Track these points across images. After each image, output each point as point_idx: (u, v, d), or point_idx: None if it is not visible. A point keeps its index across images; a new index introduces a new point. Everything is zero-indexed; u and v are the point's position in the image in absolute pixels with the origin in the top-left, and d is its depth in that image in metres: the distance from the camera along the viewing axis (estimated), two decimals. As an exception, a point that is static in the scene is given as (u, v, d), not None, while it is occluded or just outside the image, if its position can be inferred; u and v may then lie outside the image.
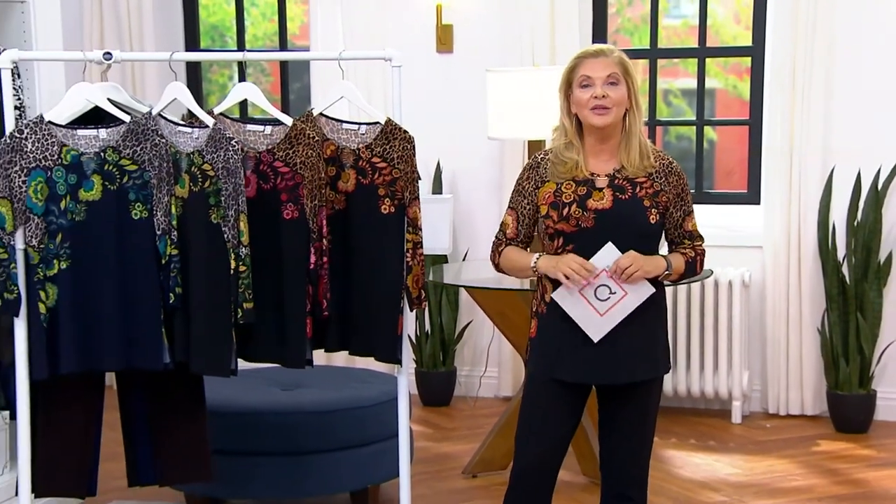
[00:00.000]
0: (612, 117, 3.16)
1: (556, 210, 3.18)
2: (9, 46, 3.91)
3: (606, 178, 3.19)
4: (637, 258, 3.13)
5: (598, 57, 3.18)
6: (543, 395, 3.24)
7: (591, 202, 3.17)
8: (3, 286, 3.24)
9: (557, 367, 3.22)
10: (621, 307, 3.15)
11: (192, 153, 3.34)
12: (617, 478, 3.31)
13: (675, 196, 3.24)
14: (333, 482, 4.33)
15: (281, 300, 3.42)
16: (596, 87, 3.15)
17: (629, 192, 3.18)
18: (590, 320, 3.16)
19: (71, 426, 3.47)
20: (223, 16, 6.60)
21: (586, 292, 3.13)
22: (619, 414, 3.27)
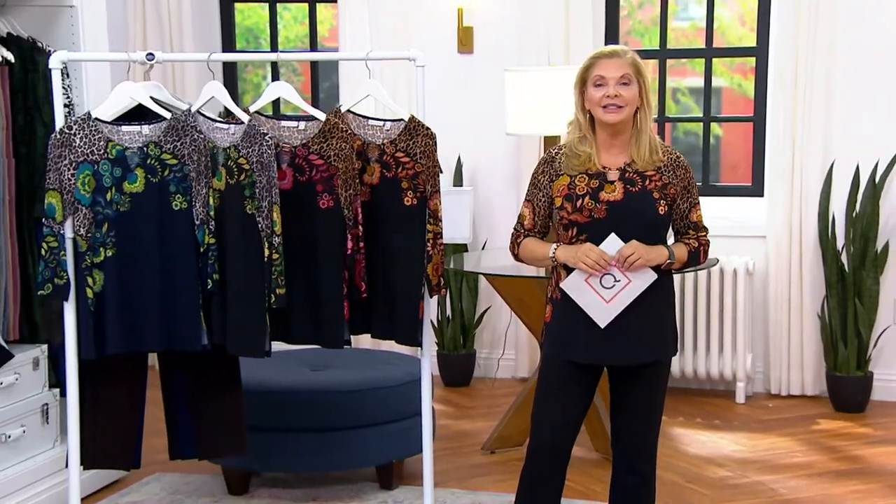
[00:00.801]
0: (623, 115, 3.16)
1: (570, 202, 3.19)
2: (58, 48, 3.95)
3: (617, 172, 3.20)
4: (639, 247, 3.13)
5: (612, 58, 3.18)
6: (558, 376, 3.25)
7: (603, 194, 3.17)
8: (53, 272, 3.27)
9: (571, 350, 3.22)
10: (626, 294, 3.15)
11: (229, 148, 3.36)
12: (628, 453, 3.32)
13: (682, 188, 3.24)
14: (360, 457, 4.36)
15: (318, 285, 3.44)
16: (609, 86, 3.15)
17: (639, 185, 3.19)
18: (597, 307, 3.16)
19: (116, 403, 3.51)
20: (257, 19, 6.62)
21: (592, 281, 3.14)
22: (630, 394, 3.27)
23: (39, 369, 4.31)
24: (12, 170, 4.19)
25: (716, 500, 4.35)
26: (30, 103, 4.23)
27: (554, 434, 3.24)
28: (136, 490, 4.46)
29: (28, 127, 4.22)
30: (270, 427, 4.21)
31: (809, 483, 4.55)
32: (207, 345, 3.39)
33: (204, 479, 4.53)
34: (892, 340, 5.57)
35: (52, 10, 4.38)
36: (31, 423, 4.26)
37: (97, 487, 4.41)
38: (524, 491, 3.29)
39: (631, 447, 3.31)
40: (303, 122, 3.46)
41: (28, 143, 4.22)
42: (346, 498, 4.36)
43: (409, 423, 4.29)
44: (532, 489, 3.27)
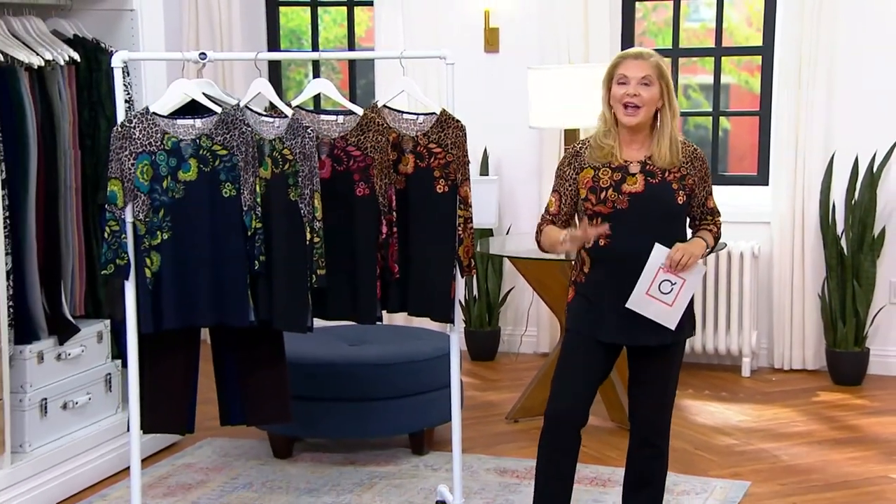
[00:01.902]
0: (640, 117, 3.15)
1: (595, 194, 3.17)
2: (120, 48, 3.97)
3: (638, 165, 3.18)
4: (685, 248, 3.12)
5: (637, 59, 3.16)
6: (580, 349, 3.23)
7: (626, 186, 3.16)
8: (115, 254, 3.29)
9: (595, 329, 3.20)
10: (685, 293, 3.13)
11: (274, 140, 3.37)
12: (643, 426, 3.30)
13: (699, 179, 3.23)
14: (394, 425, 4.38)
15: (354, 266, 3.45)
16: (630, 85, 3.13)
17: (659, 177, 3.17)
18: (665, 314, 3.13)
19: (172, 373, 3.53)
20: (300, 21, 6.63)
21: (653, 292, 3.11)
22: (647, 371, 3.26)
23: (103, 342, 4.36)
24: (78, 160, 4.24)
25: (723, 466, 4.35)
26: (94, 99, 4.26)
27: (571, 401, 3.22)
28: (190, 453, 4.51)
29: (92, 121, 4.26)
30: (312, 396, 4.24)
31: (810, 450, 4.54)
32: (255, 321, 3.40)
33: (251, 443, 4.57)
34: (888, 319, 5.55)
35: (115, 13, 4.41)
36: (96, 392, 4.30)
37: (155, 450, 4.46)
38: (543, 455, 3.28)
39: (646, 422, 3.30)
40: (341, 116, 3.47)
41: (92, 135, 4.26)
42: (381, 462, 4.38)
43: (439, 394, 4.31)
44: (550, 455, 3.26)
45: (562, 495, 3.27)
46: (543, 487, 3.28)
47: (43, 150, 4.05)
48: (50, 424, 4.08)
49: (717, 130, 5.89)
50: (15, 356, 3.95)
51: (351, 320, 3.56)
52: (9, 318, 3.87)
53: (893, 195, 5.48)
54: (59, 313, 4.16)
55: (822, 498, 4.04)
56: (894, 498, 4.04)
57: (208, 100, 3.41)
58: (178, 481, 4.21)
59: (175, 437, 4.52)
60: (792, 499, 4.03)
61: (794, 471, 4.31)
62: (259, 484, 4.18)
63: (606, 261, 3.18)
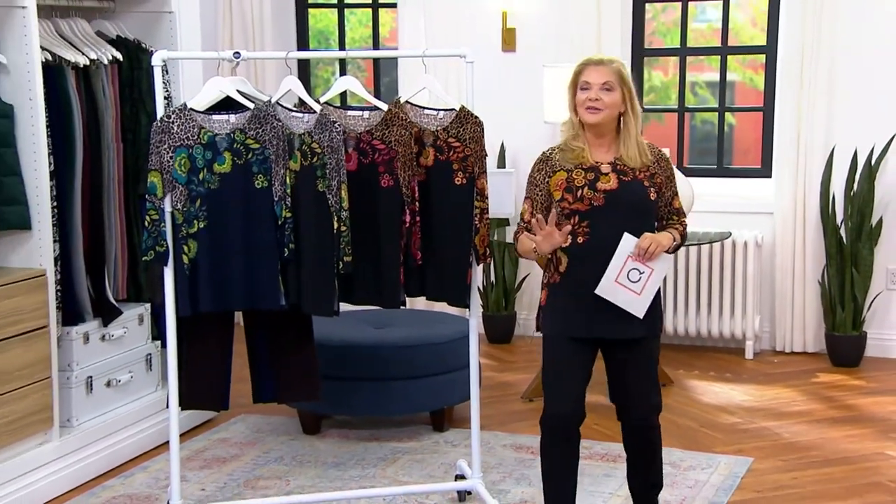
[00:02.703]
0: (601, 117, 3.09)
1: (571, 193, 3.11)
2: (159, 48, 4.00)
3: (609, 166, 3.13)
4: (653, 238, 3.08)
5: (598, 66, 3.12)
6: (560, 352, 3.17)
7: (600, 184, 3.10)
8: (155, 241, 3.31)
9: (569, 327, 3.14)
10: (653, 281, 3.09)
11: (303, 134, 3.38)
12: (640, 410, 3.22)
13: (665, 178, 3.18)
14: (416, 403, 4.39)
15: (379, 253, 3.46)
16: (592, 90, 3.09)
17: (630, 175, 3.13)
18: (632, 302, 3.09)
19: (208, 354, 3.55)
20: (327, 22, 6.64)
21: (622, 280, 3.06)
22: (628, 361, 3.18)
23: (144, 324, 4.38)
24: (121, 153, 4.26)
25: (727, 443, 4.34)
26: (135, 96, 4.28)
27: (568, 405, 3.16)
28: (225, 428, 4.53)
29: (134, 116, 4.28)
30: (339, 376, 4.25)
31: (809, 428, 4.53)
32: (285, 305, 3.41)
33: (282, 420, 4.59)
34: (885, 304, 5.53)
35: (155, 15, 4.42)
36: (137, 370, 4.33)
37: (192, 425, 4.48)
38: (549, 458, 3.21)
39: (642, 404, 3.21)
40: (367, 111, 3.48)
41: (133, 130, 4.28)
42: (404, 438, 4.39)
43: (458, 375, 4.31)
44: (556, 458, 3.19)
45: (571, 490, 3.23)
46: (555, 486, 3.22)
47: (88, 143, 4.08)
48: (95, 401, 4.12)
49: (723, 125, 5.86)
50: (63, 337, 3.98)
51: (376, 305, 3.57)
52: (57, 301, 3.91)
53: (890, 187, 5.46)
54: (103, 297, 4.19)
55: (820, 473, 4.03)
56: (889, 473, 4.03)
57: (242, 96, 3.42)
58: (214, 455, 4.24)
59: (211, 414, 4.54)
60: (792, 474, 4.02)
61: (795, 447, 4.30)
62: (289, 458, 4.20)
63: (585, 257, 3.11)
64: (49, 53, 3.91)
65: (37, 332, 3.78)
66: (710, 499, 3.77)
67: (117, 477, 4.02)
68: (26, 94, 3.76)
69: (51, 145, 3.87)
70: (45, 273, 3.81)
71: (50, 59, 3.91)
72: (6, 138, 3.74)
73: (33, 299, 3.76)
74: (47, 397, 3.84)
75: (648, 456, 3.31)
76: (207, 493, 3.87)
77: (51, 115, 3.88)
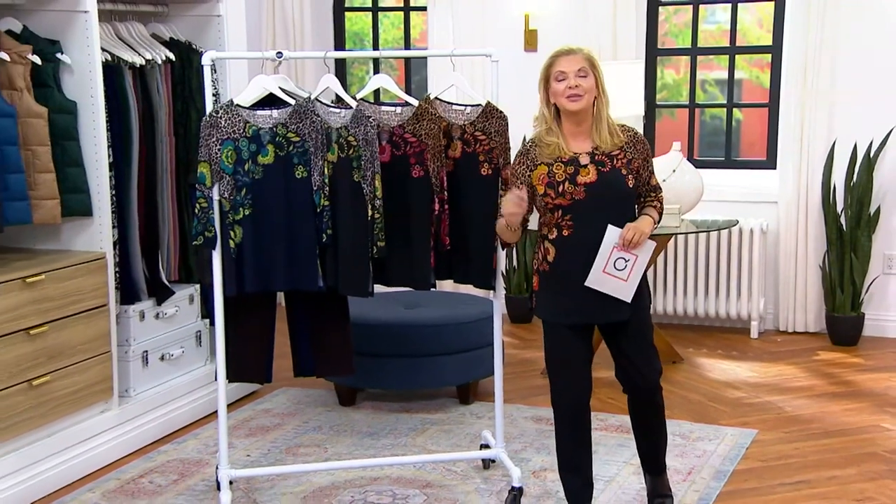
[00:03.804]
0: (584, 103, 3.03)
1: (553, 188, 3.05)
2: (208, 49, 4.01)
3: (588, 156, 3.06)
4: (635, 227, 3.01)
5: (569, 55, 3.05)
6: (559, 338, 3.12)
7: (580, 178, 3.03)
8: (204, 227, 3.31)
9: (562, 313, 3.10)
10: (638, 268, 3.04)
11: (340, 128, 3.38)
12: (644, 375, 3.16)
13: (642, 160, 3.11)
14: (443, 378, 4.39)
15: (410, 239, 3.45)
16: (569, 78, 3.02)
17: (609, 165, 3.05)
18: (620, 289, 3.04)
19: (253, 331, 3.56)
20: (362, 25, 6.63)
21: (609, 270, 3.01)
22: (623, 337, 3.13)
23: (194, 303, 4.41)
24: (173, 146, 4.28)
25: (733, 416, 4.32)
26: (186, 93, 4.29)
27: (571, 387, 3.13)
28: (268, 400, 4.56)
29: (185, 112, 4.29)
30: (373, 352, 4.26)
31: (810, 402, 4.50)
32: (323, 286, 3.41)
33: (320, 392, 4.61)
34: (882, 287, 5.48)
35: (205, 18, 4.44)
36: (188, 346, 4.36)
37: (238, 397, 4.51)
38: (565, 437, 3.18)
39: (646, 373, 3.16)
40: (399, 107, 3.47)
41: (185, 124, 4.29)
42: (432, 410, 4.40)
43: (483, 352, 4.31)
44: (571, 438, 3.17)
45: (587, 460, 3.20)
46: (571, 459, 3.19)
47: (143, 137, 4.10)
48: (150, 373, 4.15)
49: (731, 120, 5.81)
50: (121, 315, 4.02)
51: (408, 286, 3.56)
52: (115, 281, 3.94)
53: (888, 178, 5.41)
54: (157, 278, 4.21)
55: (820, 444, 4.00)
56: (885, 444, 3.99)
57: (284, 93, 3.43)
58: (258, 424, 4.26)
59: (255, 386, 4.57)
60: (794, 445, 4.00)
61: (797, 420, 4.27)
62: (327, 427, 4.22)
63: (570, 248, 3.06)
64: (109, 54, 3.93)
65: (97, 310, 3.81)
66: (717, 467, 3.75)
67: (171, 443, 4.06)
68: (88, 91, 3.79)
69: (110, 139, 3.90)
70: (104, 256, 3.84)
71: (109, 59, 3.92)
72: (70, 132, 3.77)
73: (94, 280, 3.79)
74: (107, 370, 3.87)
75: (653, 419, 3.27)
76: (252, 458, 3.89)
77: (110, 111, 3.90)
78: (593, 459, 3.25)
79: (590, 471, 3.22)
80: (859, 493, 3.56)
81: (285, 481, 3.66)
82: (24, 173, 3.61)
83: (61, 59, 3.76)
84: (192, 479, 3.72)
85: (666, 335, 5.17)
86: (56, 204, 3.71)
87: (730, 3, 5.72)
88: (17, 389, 3.50)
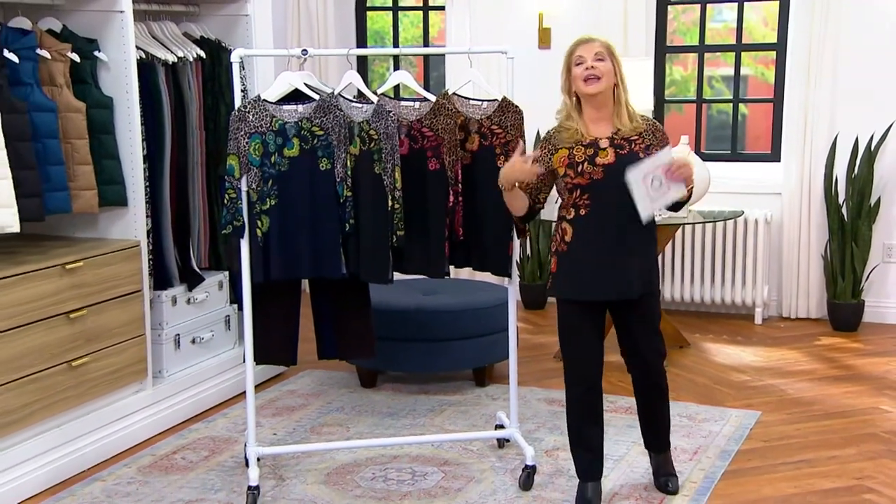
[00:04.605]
0: (601, 86, 3.03)
1: (573, 168, 3.06)
2: (237, 46, 4.01)
3: (607, 140, 3.07)
4: (687, 161, 3.01)
5: (587, 42, 3.08)
6: (573, 317, 3.12)
7: (598, 159, 3.05)
8: (233, 217, 3.31)
9: (578, 292, 3.10)
10: (666, 198, 3.02)
11: (362, 122, 3.37)
12: (648, 357, 3.17)
13: (660, 147, 3.10)
14: (460, 361, 4.39)
15: (427, 229, 3.45)
16: (587, 61, 3.04)
17: (627, 149, 3.06)
18: (643, 200, 3.00)
19: (279, 315, 3.55)
20: (383, 24, 6.62)
21: (646, 180, 2.98)
22: (633, 316, 3.14)
23: (223, 289, 4.43)
24: (203, 139, 4.29)
25: (738, 398, 4.31)
26: (216, 89, 4.30)
27: (584, 366, 3.14)
28: (293, 381, 4.58)
29: (214, 107, 4.31)
30: (393, 337, 4.27)
31: (811, 385, 4.49)
32: (345, 273, 3.41)
33: (342, 374, 4.63)
34: (881, 275, 5.45)
35: (233, 18, 4.45)
36: (218, 330, 4.38)
37: (265, 378, 4.53)
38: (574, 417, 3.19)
39: (651, 352, 3.18)
40: (418, 102, 3.46)
41: (214, 119, 4.30)
42: (449, 392, 4.41)
43: (498, 336, 4.32)
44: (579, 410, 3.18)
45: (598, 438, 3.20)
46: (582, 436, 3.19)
47: (175, 131, 4.11)
48: (182, 355, 4.18)
49: (737, 115, 5.79)
50: (154, 300, 4.04)
51: (424, 274, 3.56)
52: (149, 268, 3.96)
53: (888, 170, 5.37)
54: (188, 265, 4.23)
55: (821, 425, 3.99)
56: (883, 425, 3.98)
57: (308, 89, 3.42)
58: (284, 404, 4.29)
59: (281, 368, 4.59)
60: (796, 426, 3.99)
61: (799, 402, 4.26)
62: (349, 408, 4.24)
63: (586, 227, 3.06)
64: (143, 52, 3.95)
65: (132, 295, 3.84)
66: (722, 447, 3.75)
67: (202, 421, 4.08)
68: (123, 87, 3.81)
69: (144, 132, 3.91)
70: (139, 244, 3.86)
71: (144, 56, 3.94)
72: (106, 126, 3.79)
73: (129, 267, 3.81)
74: (141, 352, 3.90)
75: (656, 400, 3.28)
76: (279, 437, 3.92)
77: (144, 107, 3.91)
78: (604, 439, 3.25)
79: (601, 447, 3.23)
80: (858, 471, 3.55)
81: (310, 458, 3.68)
82: (64, 165, 3.63)
83: (99, 56, 3.78)
84: (222, 455, 3.74)
85: (673, 321, 5.17)
86: (94, 194, 3.73)
87: (736, 2, 5.69)
88: (58, 370, 3.53)
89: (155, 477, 3.55)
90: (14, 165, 3.37)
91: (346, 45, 6.20)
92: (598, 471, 3.23)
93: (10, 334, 3.34)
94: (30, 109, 3.50)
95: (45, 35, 3.68)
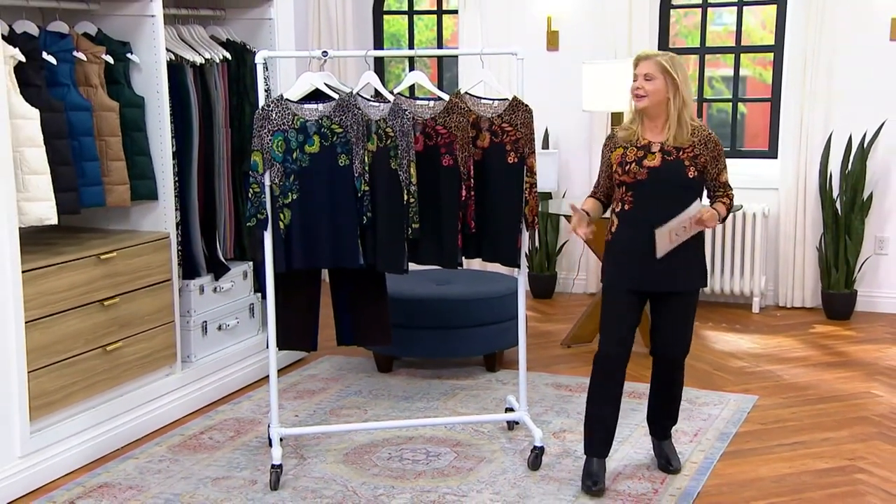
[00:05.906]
0: (645, 102, 3.08)
1: (622, 167, 3.12)
2: (261, 48, 4.02)
3: (658, 145, 3.10)
4: (713, 214, 3.03)
5: (645, 60, 3.10)
6: (615, 301, 3.15)
7: (646, 161, 3.09)
8: (256, 210, 3.30)
9: (623, 280, 3.14)
10: (682, 239, 3.06)
11: (379, 120, 3.37)
12: (674, 350, 3.22)
13: (711, 158, 3.12)
14: (472, 348, 4.39)
15: (440, 222, 3.44)
16: (637, 80, 3.09)
17: (674, 155, 3.09)
18: (665, 247, 3.05)
19: (300, 304, 3.56)
20: (399, 27, 6.61)
21: (671, 234, 3.02)
22: (670, 309, 3.16)
23: (247, 279, 4.44)
24: (229, 137, 4.29)
25: (736, 384, 4.30)
26: (241, 89, 4.30)
27: (614, 345, 3.16)
28: (314, 367, 4.59)
29: (239, 106, 4.31)
30: (408, 324, 4.27)
31: (806, 371, 4.47)
32: (363, 264, 3.41)
33: (360, 360, 4.63)
34: (873, 267, 5.42)
35: (257, 21, 4.45)
36: (242, 317, 4.39)
37: (286, 363, 4.54)
38: (595, 386, 3.21)
39: (676, 345, 3.20)
40: (432, 101, 3.45)
41: (239, 117, 4.31)
42: (461, 377, 4.41)
43: (508, 324, 4.31)
44: (601, 388, 3.19)
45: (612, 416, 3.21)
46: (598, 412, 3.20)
47: (202, 129, 4.12)
48: (209, 341, 4.19)
49: (736, 114, 5.76)
50: (183, 288, 4.05)
51: (438, 265, 3.56)
52: (178, 259, 3.97)
53: (880, 166, 5.34)
54: (215, 256, 4.24)
55: (815, 409, 3.98)
56: (875, 409, 3.96)
57: (328, 88, 3.41)
58: (305, 388, 4.29)
59: (302, 354, 4.60)
60: (791, 409, 3.97)
61: (794, 387, 4.24)
62: (366, 392, 4.24)
63: (628, 222, 3.12)
64: (172, 54, 3.95)
65: (162, 284, 3.85)
66: (721, 430, 3.74)
67: (227, 404, 4.10)
68: (154, 87, 3.81)
69: (173, 130, 3.92)
70: (168, 236, 3.88)
71: (173, 58, 3.95)
72: (138, 124, 3.80)
73: (159, 257, 3.83)
74: (171, 338, 3.91)
75: (671, 391, 3.31)
76: (300, 418, 3.93)
77: (173, 106, 3.92)
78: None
79: (613, 426, 3.23)
80: (850, 453, 3.53)
81: (329, 439, 3.69)
82: (99, 161, 3.65)
83: (131, 58, 3.79)
84: (247, 436, 3.76)
85: (674, 310, 5.15)
86: (126, 189, 3.74)
87: (736, 6, 5.65)
88: (93, 354, 3.55)
89: (184, 455, 3.57)
90: (52, 161, 3.39)
91: (364, 48, 6.19)
92: (605, 449, 3.24)
93: (49, 320, 3.36)
94: (66, 109, 3.52)
95: (81, 38, 3.69)
